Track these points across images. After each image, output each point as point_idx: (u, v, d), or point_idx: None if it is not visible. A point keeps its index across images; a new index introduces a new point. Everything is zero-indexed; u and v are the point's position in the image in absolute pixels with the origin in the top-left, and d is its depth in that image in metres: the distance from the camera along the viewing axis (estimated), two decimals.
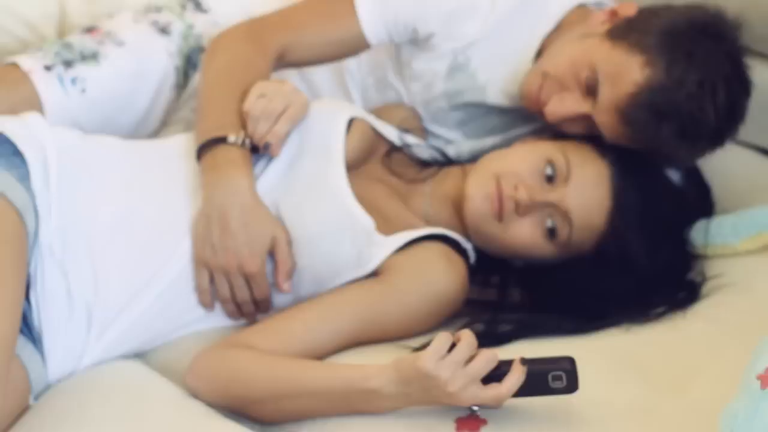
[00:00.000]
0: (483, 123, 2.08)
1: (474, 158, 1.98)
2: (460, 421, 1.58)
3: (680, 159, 1.90)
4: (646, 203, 1.82)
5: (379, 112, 2.05)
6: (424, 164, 1.97)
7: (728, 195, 2.02)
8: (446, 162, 2.00)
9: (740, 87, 1.83)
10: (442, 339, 1.54)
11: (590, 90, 1.84)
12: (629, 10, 1.90)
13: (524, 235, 1.81)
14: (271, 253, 1.77)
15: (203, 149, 1.80)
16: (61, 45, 2.10)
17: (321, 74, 2.15)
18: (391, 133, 1.98)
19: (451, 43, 2.00)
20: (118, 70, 2.09)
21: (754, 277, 1.87)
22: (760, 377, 1.46)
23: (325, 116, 1.88)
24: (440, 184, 1.92)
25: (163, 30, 2.15)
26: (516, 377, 1.53)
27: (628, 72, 1.80)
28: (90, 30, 2.14)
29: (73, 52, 2.08)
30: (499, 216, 1.80)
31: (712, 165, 2.02)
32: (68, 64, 2.06)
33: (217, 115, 1.84)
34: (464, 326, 1.77)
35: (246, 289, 1.78)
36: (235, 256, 1.75)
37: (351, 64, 2.14)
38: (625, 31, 1.85)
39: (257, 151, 1.81)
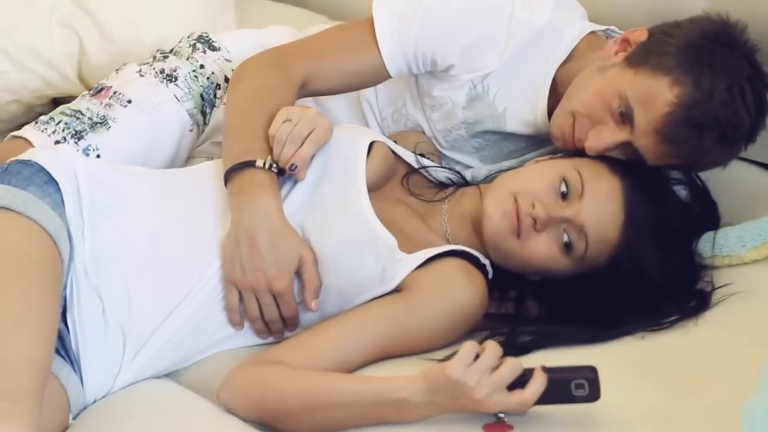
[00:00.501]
0: (500, 148, 2.13)
1: (489, 179, 2.04)
2: (487, 428, 1.62)
3: (721, 163, 1.96)
4: (656, 216, 1.87)
5: (394, 138, 2.11)
6: (441, 185, 2.03)
7: (733, 208, 2.06)
8: (462, 183, 2.05)
9: (762, 82, 1.90)
10: (468, 348, 1.59)
11: (624, 118, 1.89)
12: (641, 35, 1.95)
13: (541, 250, 1.86)
14: (298, 273, 1.82)
15: (231, 173, 1.85)
16: (69, 115, 2.13)
17: (339, 104, 2.21)
18: (409, 156, 2.04)
19: (471, 73, 2.05)
20: (130, 131, 2.12)
21: (761, 284, 1.92)
22: None
23: (346, 140, 1.94)
24: (457, 204, 1.97)
25: (170, 77, 2.20)
26: (538, 383, 1.58)
27: (659, 94, 1.85)
28: (98, 92, 2.18)
29: (82, 122, 2.12)
30: (518, 233, 1.85)
31: (716, 180, 2.08)
32: (78, 135, 2.10)
33: (245, 140, 1.89)
34: (485, 339, 1.80)
35: (274, 308, 1.82)
36: (263, 275, 1.80)
37: (369, 94, 2.20)
38: (643, 56, 1.90)
39: (283, 173, 1.86)
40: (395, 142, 2.07)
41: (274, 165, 1.85)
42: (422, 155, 2.06)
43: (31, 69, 2.38)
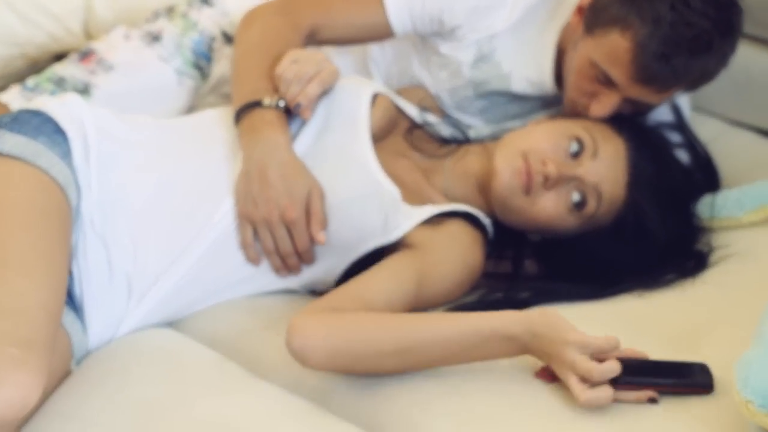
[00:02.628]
0: (505, 110, 2.15)
1: (494, 139, 2.06)
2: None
3: (717, 68, 1.95)
4: (658, 177, 1.91)
5: (398, 93, 2.13)
6: (444, 141, 2.05)
7: (731, 174, 2.09)
8: (465, 140, 2.07)
9: None
10: (605, 341, 1.59)
11: (607, 81, 1.93)
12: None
13: (550, 207, 1.88)
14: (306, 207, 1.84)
15: (240, 114, 1.88)
16: (54, 82, 2.18)
17: (345, 61, 2.22)
18: (412, 111, 2.06)
19: (476, 34, 2.07)
20: (110, 96, 2.17)
21: (758, 246, 1.95)
22: None
23: (350, 91, 1.96)
24: (460, 161, 1.99)
25: (155, 38, 2.24)
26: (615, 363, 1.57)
27: (616, 46, 1.89)
28: (84, 56, 2.22)
29: (65, 89, 2.17)
30: (527, 189, 1.87)
31: (715, 147, 2.11)
32: None
33: (252, 81, 1.92)
34: (483, 296, 1.87)
35: (288, 240, 1.84)
36: (276, 205, 1.82)
37: (375, 52, 2.22)
38: (593, 18, 1.94)
39: (289, 112, 1.88)
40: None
41: (282, 103, 1.88)
42: (426, 109, 2.08)
43: (37, 23, 2.38)
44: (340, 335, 1.65)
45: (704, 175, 2.05)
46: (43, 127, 1.80)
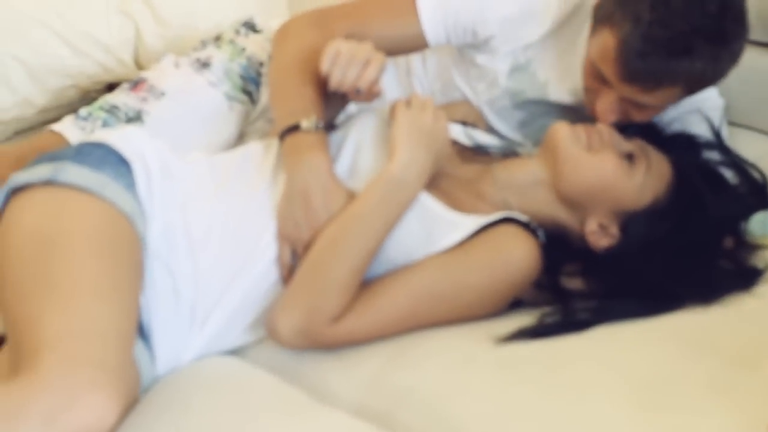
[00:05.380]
0: (544, 123, 2.14)
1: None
2: None
3: (715, 73, 1.93)
4: (707, 193, 1.93)
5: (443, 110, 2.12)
6: (486, 153, 2.05)
7: None
8: (510, 152, 2.08)
9: None
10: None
11: (603, 79, 1.94)
12: None
13: (610, 162, 1.91)
14: None
15: (283, 135, 1.89)
16: (106, 111, 2.20)
17: (388, 77, 2.24)
18: (456, 131, 2.06)
19: (510, 44, 2.09)
20: (161, 121, 2.19)
21: None
22: None
23: (383, 111, 1.97)
24: (507, 170, 1.99)
25: (204, 64, 2.26)
26: None
27: (606, 44, 1.91)
28: (135, 85, 2.24)
29: (118, 117, 2.19)
30: (589, 145, 1.91)
31: (763, 165, 2.10)
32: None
33: (289, 101, 1.93)
34: (541, 318, 1.85)
35: None
36: (317, 232, 1.83)
37: (418, 69, 2.25)
38: (594, 18, 1.97)
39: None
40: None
41: (321, 123, 1.89)
42: (471, 125, 2.09)
43: (89, 54, 2.42)
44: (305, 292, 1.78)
45: (752, 193, 2.05)
46: (107, 158, 1.83)
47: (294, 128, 1.89)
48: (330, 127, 1.93)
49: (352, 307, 1.80)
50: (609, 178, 1.92)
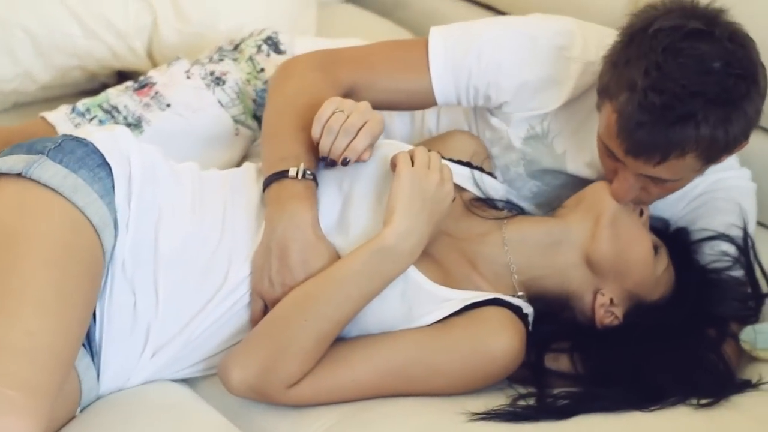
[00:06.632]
0: (558, 195, 2.05)
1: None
2: None
3: (729, 138, 1.76)
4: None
5: (443, 140, 2.04)
6: (495, 207, 1.96)
7: None
8: (520, 211, 2.00)
9: (689, 40, 1.73)
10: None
11: (615, 157, 1.82)
12: None
13: (649, 243, 1.86)
14: None
15: (268, 182, 1.79)
16: (105, 111, 2.11)
17: (400, 130, 2.15)
18: (463, 175, 1.96)
19: (526, 112, 1.99)
20: (161, 133, 2.09)
21: None
22: None
23: (382, 156, 1.85)
24: (520, 230, 1.89)
25: (218, 80, 2.16)
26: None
27: (608, 118, 1.78)
28: (141, 87, 2.15)
29: (117, 120, 2.10)
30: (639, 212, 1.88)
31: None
32: None
33: (281, 145, 1.83)
34: (515, 400, 1.76)
35: None
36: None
37: (431, 123, 2.14)
38: (597, 92, 1.84)
39: (334, 164, 1.79)
40: (444, 144, 2.01)
41: (309, 173, 1.78)
42: (480, 169, 1.99)
43: (100, 37, 2.34)
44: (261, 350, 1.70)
45: (754, 302, 1.97)
46: (87, 159, 1.74)
47: (281, 175, 1.79)
48: (332, 163, 1.80)
49: (311, 372, 1.71)
50: (644, 257, 1.86)
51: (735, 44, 1.75)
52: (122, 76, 2.42)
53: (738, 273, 1.99)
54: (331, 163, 1.80)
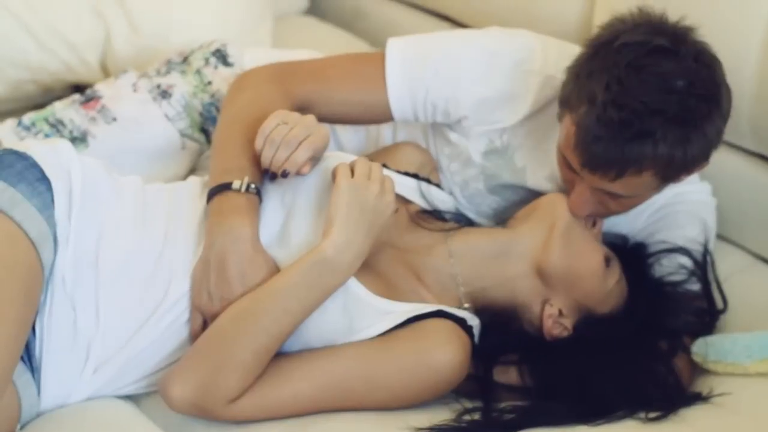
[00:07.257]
0: (518, 211, 2.00)
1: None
2: None
3: (686, 157, 1.75)
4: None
5: (390, 152, 2.03)
6: (443, 219, 1.94)
7: (746, 313, 1.99)
8: (468, 223, 1.99)
9: (652, 56, 1.72)
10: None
11: (572, 168, 1.81)
12: None
13: (600, 255, 1.84)
14: None
15: (211, 194, 1.78)
16: (51, 125, 2.10)
17: (358, 140, 2.14)
18: (409, 186, 1.94)
19: (485, 126, 1.97)
20: (107, 147, 2.07)
21: (760, 401, 1.82)
22: None
23: (324, 168, 1.83)
24: (467, 242, 1.87)
25: (164, 93, 2.14)
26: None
27: (567, 130, 1.77)
28: (88, 101, 2.13)
29: (62, 134, 2.08)
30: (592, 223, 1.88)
31: (737, 280, 2.03)
32: None
33: (227, 157, 1.82)
34: (461, 415, 1.75)
35: None
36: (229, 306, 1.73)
37: (387, 137, 2.13)
38: (559, 103, 1.83)
39: (275, 177, 1.79)
40: (392, 156, 1.99)
41: (252, 186, 1.77)
42: (428, 180, 1.98)
43: (53, 50, 2.34)
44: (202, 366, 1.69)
45: (708, 315, 1.96)
46: (26, 173, 1.73)
47: (225, 187, 1.77)
48: (273, 176, 1.79)
49: (251, 387, 1.70)
50: (595, 269, 1.85)
51: (700, 64, 1.74)
52: (77, 90, 2.39)
53: (695, 287, 1.98)
54: (272, 176, 1.78)
